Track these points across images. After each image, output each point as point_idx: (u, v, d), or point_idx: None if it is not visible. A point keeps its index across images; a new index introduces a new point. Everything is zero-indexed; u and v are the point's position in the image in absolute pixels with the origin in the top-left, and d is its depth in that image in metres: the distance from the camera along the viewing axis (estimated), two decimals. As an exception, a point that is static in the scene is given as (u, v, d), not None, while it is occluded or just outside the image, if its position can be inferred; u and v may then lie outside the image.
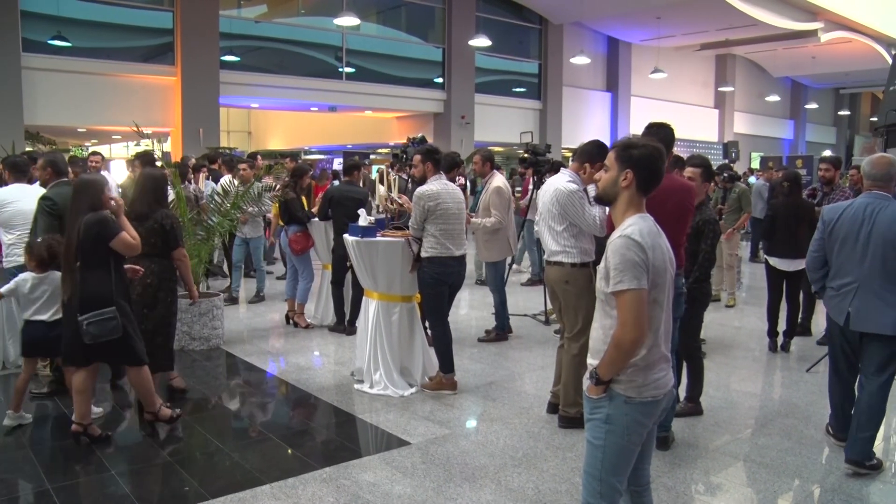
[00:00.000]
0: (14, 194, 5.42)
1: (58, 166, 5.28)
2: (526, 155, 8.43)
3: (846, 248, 4.01)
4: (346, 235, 5.51)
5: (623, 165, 2.48)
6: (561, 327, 4.78)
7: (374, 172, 13.36)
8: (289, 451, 4.26)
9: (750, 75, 29.02)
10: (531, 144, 8.77)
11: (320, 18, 17.30)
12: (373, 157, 22.29)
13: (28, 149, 11.46)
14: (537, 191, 6.02)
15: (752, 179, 14.41)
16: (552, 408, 4.76)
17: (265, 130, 25.30)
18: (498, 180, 6.71)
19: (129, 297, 4.34)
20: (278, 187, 7.62)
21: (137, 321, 4.43)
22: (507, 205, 6.74)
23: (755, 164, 23.40)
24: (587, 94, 22.74)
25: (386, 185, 6.57)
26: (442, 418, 4.74)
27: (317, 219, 7.13)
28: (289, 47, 16.84)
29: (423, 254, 5.10)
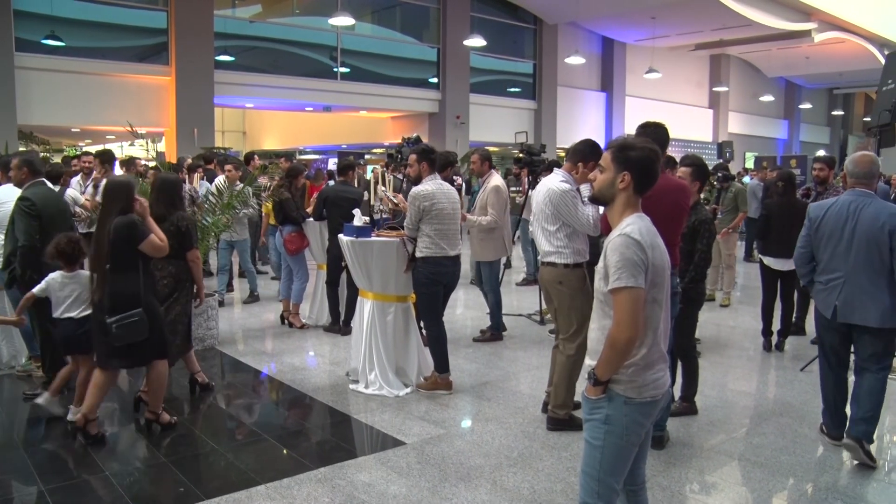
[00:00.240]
0: (7, 195, 5.40)
1: (34, 166, 5.25)
2: (521, 155, 8.43)
3: (832, 244, 4.13)
4: (340, 235, 5.50)
5: (620, 167, 2.48)
6: (556, 327, 4.78)
7: (369, 173, 13.34)
8: (284, 451, 4.26)
9: (744, 75, 29.10)
10: (526, 144, 8.78)
11: (315, 18, 17.28)
12: (368, 157, 22.25)
13: (22, 149, 11.42)
14: (532, 190, 6.03)
15: (746, 179, 14.42)
16: (547, 407, 4.76)
17: (260, 130, 25.26)
18: (496, 179, 6.73)
19: (157, 295, 4.47)
20: (272, 187, 7.59)
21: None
22: (505, 204, 6.75)
23: (749, 164, 23.47)
24: (582, 94, 22.77)
25: (384, 186, 6.56)
26: (437, 418, 4.74)
27: (311, 219, 7.13)
28: (283, 47, 16.82)
29: (418, 254, 5.09)
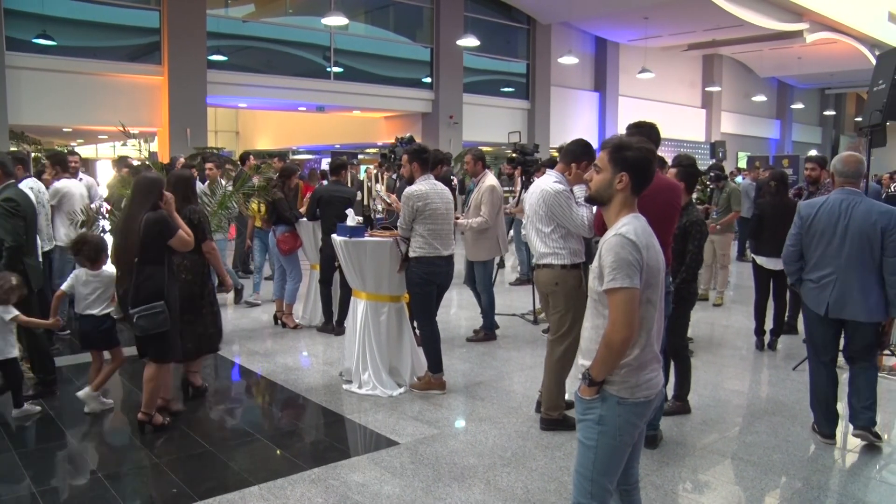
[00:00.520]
0: None
1: (6, 167, 5.28)
2: (514, 155, 8.45)
3: (824, 242, 4.20)
4: (334, 235, 5.50)
5: (618, 168, 2.47)
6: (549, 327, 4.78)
7: (363, 173, 13.32)
8: (277, 451, 4.25)
9: (737, 75, 29.19)
10: (519, 144, 8.80)
11: (308, 18, 17.24)
12: (361, 157, 22.25)
13: (13, 149, 11.36)
14: (525, 191, 6.03)
15: (738, 179, 14.46)
16: (540, 407, 4.76)
17: (253, 130, 25.20)
18: (490, 179, 6.73)
19: (176, 293, 4.54)
20: (258, 185, 7.56)
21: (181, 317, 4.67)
22: (499, 204, 6.75)
23: (742, 164, 23.53)
24: (575, 94, 22.79)
25: (377, 185, 6.57)
26: (431, 418, 4.74)
27: (305, 219, 7.12)
28: (276, 47, 16.77)
29: (412, 254, 5.09)
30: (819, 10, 20.45)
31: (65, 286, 4.82)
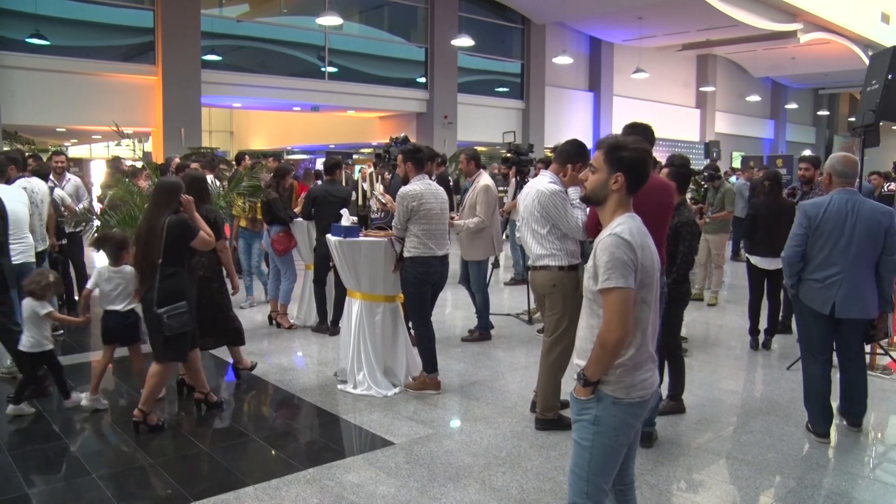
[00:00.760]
0: None
1: None
2: (509, 155, 8.45)
3: (832, 241, 4.24)
4: (328, 235, 5.49)
5: (613, 168, 2.47)
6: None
7: (357, 173, 13.30)
8: (272, 452, 4.24)
9: (731, 75, 29.26)
10: (514, 144, 8.80)
11: (302, 18, 17.21)
12: (356, 157, 22.23)
13: (6, 149, 11.30)
14: (519, 192, 6.03)
15: (732, 179, 14.48)
16: (535, 407, 4.76)
17: (247, 130, 25.16)
18: (485, 179, 6.73)
19: (195, 292, 4.70)
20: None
21: (197, 312, 4.76)
22: (494, 204, 6.75)
23: (737, 164, 23.60)
24: (570, 94, 22.81)
25: (370, 184, 6.55)
26: (426, 418, 4.74)
27: (300, 219, 7.10)
28: (271, 47, 16.74)
29: (406, 254, 5.08)
30: (812, 11, 20.53)
31: (90, 284, 4.94)
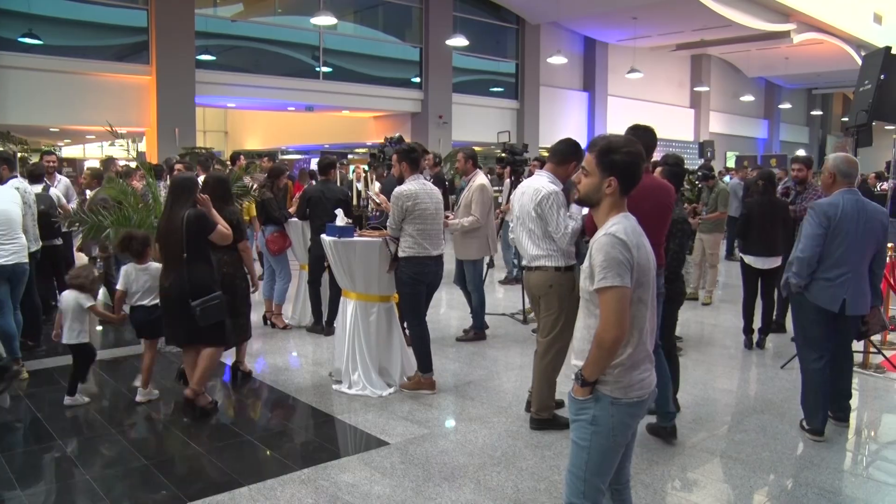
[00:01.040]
0: None
1: None
2: (503, 154, 8.46)
3: (847, 240, 4.31)
4: (323, 235, 5.48)
5: (606, 173, 2.46)
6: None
7: (352, 173, 13.30)
8: (267, 452, 4.24)
9: (725, 75, 29.35)
10: (508, 144, 8.81)
11: (297, 17, 17.19)
12: (350, 156, 22.21)
13: (-1, 149, 11.27)
14: (512, 193, 6.03)
15: (726, 178, 14.53)
16: (531, 406, 4.76)
17: (242, 130, 25.11)
18: (481, 178, 6.74)
19: (220, 284, 4.86)
20: (255, 187, 7.56)
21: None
22: (489, 204, 6.75)
23: (731, 164, 23.66)
24: (564, 94, 22.84)
25: (364, 184, 6.56)
26: (420, 418, 4.74)
27: (295, 218, 7.09)
28: (265, 46, 16.72)
29: (401, 254, 5.08)
30: (806, 11, 20.63)
31: (120, 285, 5.05)
